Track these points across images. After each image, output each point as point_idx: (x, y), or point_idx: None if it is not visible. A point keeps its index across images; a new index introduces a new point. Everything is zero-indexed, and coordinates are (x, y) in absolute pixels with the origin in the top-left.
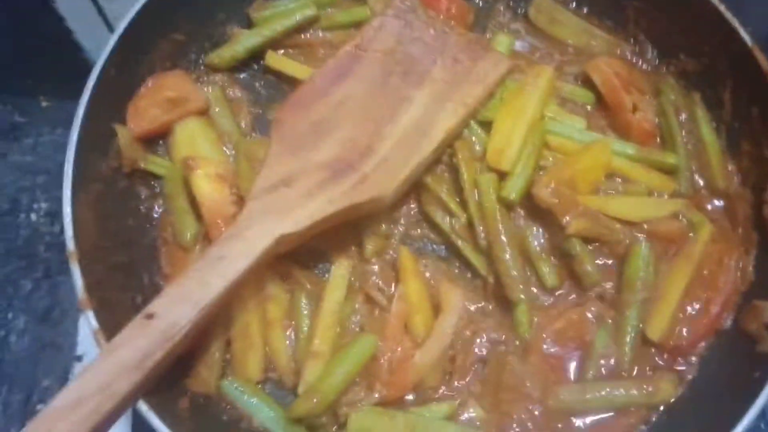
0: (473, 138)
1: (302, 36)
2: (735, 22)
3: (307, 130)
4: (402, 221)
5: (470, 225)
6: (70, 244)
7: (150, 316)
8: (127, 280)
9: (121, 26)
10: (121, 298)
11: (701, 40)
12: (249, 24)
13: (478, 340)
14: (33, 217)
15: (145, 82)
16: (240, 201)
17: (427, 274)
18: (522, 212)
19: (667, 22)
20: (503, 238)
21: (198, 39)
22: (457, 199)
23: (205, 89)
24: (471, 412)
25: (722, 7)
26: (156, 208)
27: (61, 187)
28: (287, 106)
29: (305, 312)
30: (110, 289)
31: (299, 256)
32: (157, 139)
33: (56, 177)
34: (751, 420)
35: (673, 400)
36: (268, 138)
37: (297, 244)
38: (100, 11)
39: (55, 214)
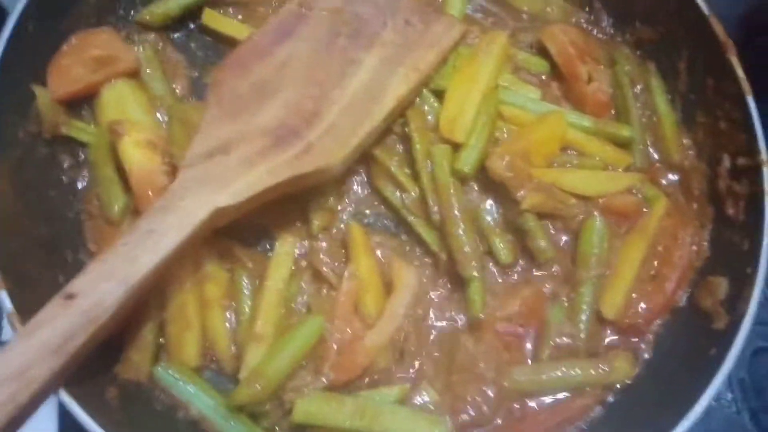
0: (425, 107)
1: None
2: None
3: (247, 92)
4: (350, 195)
5: (422, 199)
6: None
7: (71, 296)
8: (48, 257)
9: None
10: (42, 276)
11: (658, 7)
12: None
13: (430, 320)
14: None
15: (68, 39)
16: (173, 171)
17: (378, 251)
18: (475, 185)
19: None
20: (456, 212)
21: None
22: (408, 172)
23: (136, 49)
24: (423, 395)
25: None
26: (80, 178)
27: None
28: (226, 66)
29: (247, 292)
30: (29, 267)
31: (239, 233)
32: (81, 103)
33: None
34: (709, 399)
35: (629, 379)
36: (206, 102)
37: (236, 217)
38: None
39: None
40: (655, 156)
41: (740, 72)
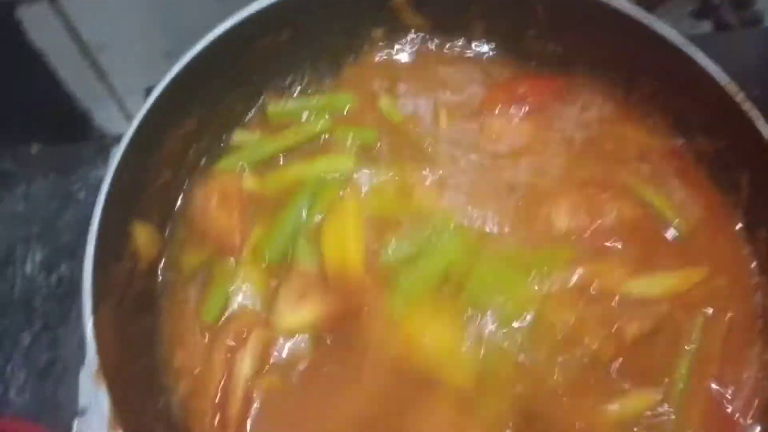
0: None
1: None
2: None
3: None
4: None
5: None
6: (95, 364)
7: None
8: (149, 385)
9: (131, 128)
10: (145, 406)
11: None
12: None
13: None
14: (28, 268)
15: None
16: None
17: None
18: None
19: None
20: None
21: (210, 128)
22: None
23: None
24: None
25: None
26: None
27: (57, 236)
28: None
29: None
30: (135, 402)
31: None
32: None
33: (51, 225)
34: None
35: None
36: None
37: None
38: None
39: (52, 265)
40: None
41: None
